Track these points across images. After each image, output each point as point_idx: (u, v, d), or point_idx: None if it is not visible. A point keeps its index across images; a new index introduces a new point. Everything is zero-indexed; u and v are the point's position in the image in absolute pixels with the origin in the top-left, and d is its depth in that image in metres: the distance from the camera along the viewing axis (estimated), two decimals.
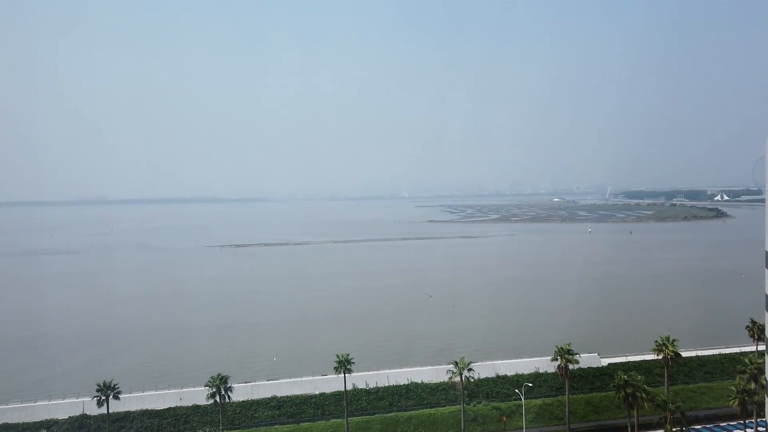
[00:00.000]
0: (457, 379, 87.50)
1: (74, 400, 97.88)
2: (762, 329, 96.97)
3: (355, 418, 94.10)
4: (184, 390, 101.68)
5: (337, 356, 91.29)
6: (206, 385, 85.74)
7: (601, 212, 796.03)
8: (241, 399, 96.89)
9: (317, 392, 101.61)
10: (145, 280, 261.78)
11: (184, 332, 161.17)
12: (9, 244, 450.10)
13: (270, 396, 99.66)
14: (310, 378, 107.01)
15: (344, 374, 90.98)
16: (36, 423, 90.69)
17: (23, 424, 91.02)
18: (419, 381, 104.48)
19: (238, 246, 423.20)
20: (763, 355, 76.23)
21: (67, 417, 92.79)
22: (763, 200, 55.20)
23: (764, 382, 58.53)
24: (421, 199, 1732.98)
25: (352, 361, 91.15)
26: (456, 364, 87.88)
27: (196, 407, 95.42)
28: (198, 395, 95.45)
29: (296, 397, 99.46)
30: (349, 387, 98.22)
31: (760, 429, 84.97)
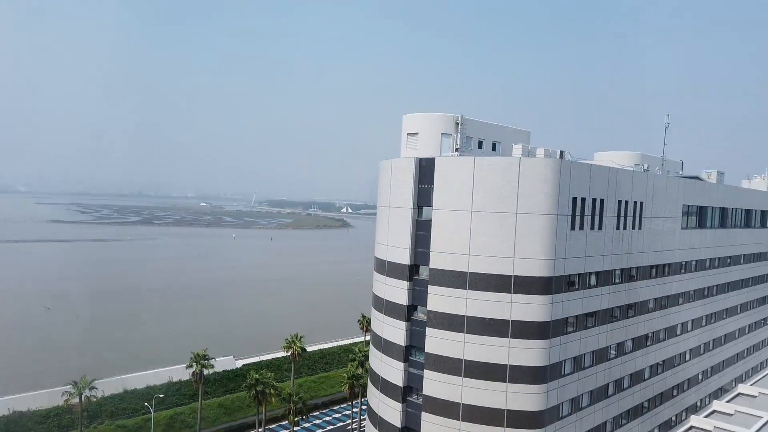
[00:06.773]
0: (76, 400, 77.01)
1: None
2: (369, 322, 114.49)
3: None
4: None
5: None
6: None
7: (246, 218, 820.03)
8: None
9: None
10: None
11: None
12: None
13: None
14: None
15: None
16: None
17: None
18: (24, 409, 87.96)
19: None
20: (369, 344, 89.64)
21: None
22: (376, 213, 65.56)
23: (368, 367, 68.89)
24: (44, 195, 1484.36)
25: None
26: (75, 384, 77.30)
27: None
28: None
29: None
30: None
31: (364, 407, 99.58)
